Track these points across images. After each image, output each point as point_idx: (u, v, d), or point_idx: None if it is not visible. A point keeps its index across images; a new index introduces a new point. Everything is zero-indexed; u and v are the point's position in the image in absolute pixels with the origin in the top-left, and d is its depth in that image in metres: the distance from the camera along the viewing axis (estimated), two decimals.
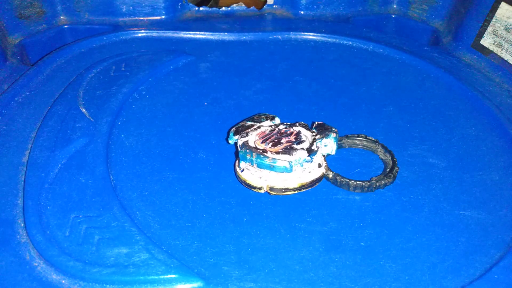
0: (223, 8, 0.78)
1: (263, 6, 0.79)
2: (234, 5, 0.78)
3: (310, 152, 0.43)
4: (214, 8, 0.78)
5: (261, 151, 0.43)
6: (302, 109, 0.56)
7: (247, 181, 0.43)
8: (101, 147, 0.48)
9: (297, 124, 0.47)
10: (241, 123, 0.47)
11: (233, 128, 0.46)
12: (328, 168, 0.45)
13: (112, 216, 0.41)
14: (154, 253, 0.38)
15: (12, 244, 0.39)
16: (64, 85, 0.58)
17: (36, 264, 0.37)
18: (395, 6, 0.80)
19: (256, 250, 0.39)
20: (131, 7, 0.74)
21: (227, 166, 0.47)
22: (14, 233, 0.40)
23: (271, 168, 0.42)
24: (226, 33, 0.69)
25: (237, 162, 0.45)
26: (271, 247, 0.39)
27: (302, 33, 0.70)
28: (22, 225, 0.40)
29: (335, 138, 0.45)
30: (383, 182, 0.44)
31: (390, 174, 0.45)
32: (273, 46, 0.68)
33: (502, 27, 0.63)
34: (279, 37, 0.70)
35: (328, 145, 0.45)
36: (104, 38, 0.68)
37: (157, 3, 0.74)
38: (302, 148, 0.43)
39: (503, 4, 0.63)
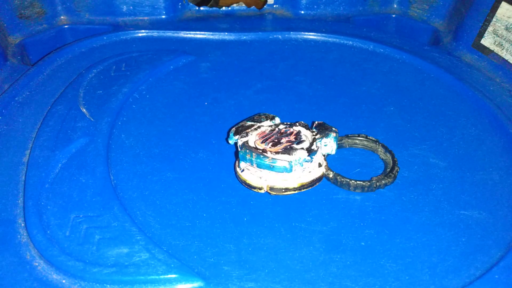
0: (223, 8, 0.78)
1: (263, 6, 0.79)
2: (235, 5, 0.78)
3: (310, 152, 0.43)
4: (214, 8, 0.78)
5: (261, 151, 0.43)
6: (302, 109, 0.56)
7: (247, 181, 0.43)
8: (102, 147, 0.48)
9: (297, 124, 0.47)
10: (241, 123, 0.47)
11: (233, 128, 0.46)
12: (329, 168, 0.45)
13: (113, 216, 0.41)
14: (155, 253, 0.38)
15: (13, 244, 0.39)
16: (65, 85, 0.58)
17: (37, 264, 0.37)
18: (395, 6, 0.80)
19: (257, 250, 0.39)
20: (131, 7, 0.74)
21: (227, 166, 0.47)
22: (14, 233, 0.40)
23: (270, 168, 0.42)
24: (226, 33, 0.69)
25: (237, 162, 0.45)
26: (271, 247, 0.39)
27: (302, 33, 0.70)
28: (23, 225, 0.40)
29: (335, 137, 0.45)
30: (383, 182, 0.44)
31: (390, 174, 0.45)
32: (273, 46, 0.68)
33: (503, 27, 0.63)
34: (279, 37, 0.70)
35: (328, 145, 0.45)
36: (104, 38, 0.68)
37: (157, 3, 0.74)
38: (302, 148, 0.43)
39: (503, 4, 0.63)
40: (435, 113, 0.55)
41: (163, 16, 0.75)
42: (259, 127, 0.46)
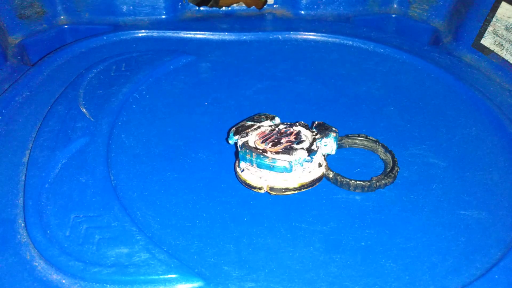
0: (224, 8, 0.78)
1: (263, 6, 0.79)
2: (235, 4, 0.78)
3: (310, 151, 0.43)
4: (214, 8, 0.78)
5: (261, 151, 0.43)
6: (302, 109, 0.56)
7: (247, 181, 0.43)
8: (102, 147, 0.48)
9: (297, 124, 0.47)
10: (241, 123, 0.47)
11: (233, 128, 0.46)
12: (329, 167, 0.45)
13: (113, 216, 0.41)
14: (155, 253, 0.38)
15: (13, 244, 0.39)
16: (65, 85, 0.58)
17: (37, 264, 0.37)
18: (395, 6, 0.80)
19: (257, 250, 0.39)
20: (131, 7, 0.74)
21: (227, 166, 0.47)
22: (14, 233, 0.40)
23: (271, 168, 0.42)
24: (226, 33, 0.69)
25: (237, 162, 0.45)
26: (271, 247, 0.39)
27: (303, 33, 0.70)
28: (23, 225, 0.40)
29: (335, 137, 0.45)
30: (383, 182, 0.44)
31: (390, 174, 0.45)
32: (273, 46, 0.68)
33: (503, 27, 0.63)
34: (279, 37, 0.70)
35: (328, 145, 0.45)
36: (104, 38, 0.68)
37: (157, 3, 0.74)
38: (302, 148, 0.43)
39: (503, 4, 0.63)
40: (435, 113, 0.55)
41: (163, 16, 0.75)
42: (259, 127, 0.46)
